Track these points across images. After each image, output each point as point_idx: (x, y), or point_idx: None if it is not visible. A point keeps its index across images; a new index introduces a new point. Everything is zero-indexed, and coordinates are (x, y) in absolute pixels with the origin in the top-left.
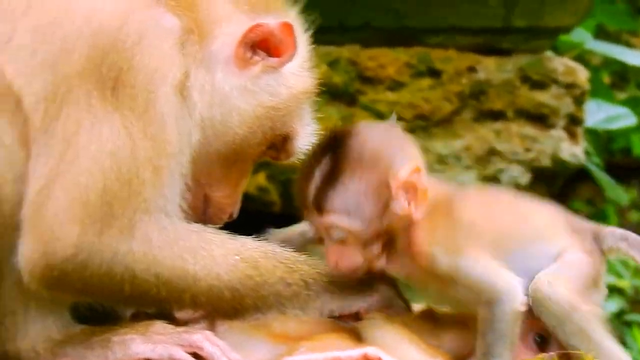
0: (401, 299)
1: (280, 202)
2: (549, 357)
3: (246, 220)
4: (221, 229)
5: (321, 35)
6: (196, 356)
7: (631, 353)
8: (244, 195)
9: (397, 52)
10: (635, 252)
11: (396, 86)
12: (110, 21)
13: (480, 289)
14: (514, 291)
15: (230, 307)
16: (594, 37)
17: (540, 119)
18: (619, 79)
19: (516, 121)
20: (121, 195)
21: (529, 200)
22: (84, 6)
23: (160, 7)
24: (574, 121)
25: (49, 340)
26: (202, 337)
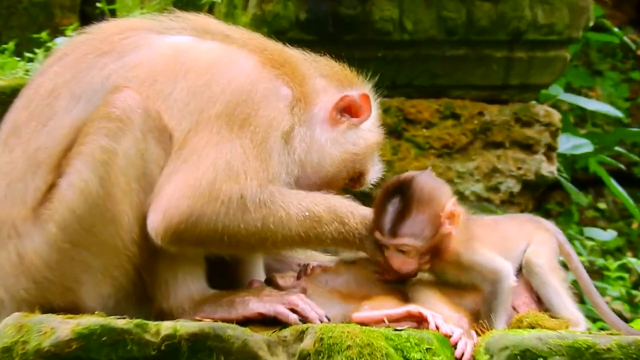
0: None
1: None
2: (533, 311)
3: None
4: None
5: (378, 90)
6: (293, 311)
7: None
8: None
9: (430, 102)
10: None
11: (429, 125)
12: (244, 86)
13: (487, 270)
14: (508, 272)
15: (301, 244)
16: (564, 91)
17: (528, 147)
18: (580, 120)
19: (511, 149)
20: (227, 186)
21: (502, 218)
22: (226, 76)
23: (279, 80)
24: (550, 149)
25: (191, 301)
26: (297, 298)
